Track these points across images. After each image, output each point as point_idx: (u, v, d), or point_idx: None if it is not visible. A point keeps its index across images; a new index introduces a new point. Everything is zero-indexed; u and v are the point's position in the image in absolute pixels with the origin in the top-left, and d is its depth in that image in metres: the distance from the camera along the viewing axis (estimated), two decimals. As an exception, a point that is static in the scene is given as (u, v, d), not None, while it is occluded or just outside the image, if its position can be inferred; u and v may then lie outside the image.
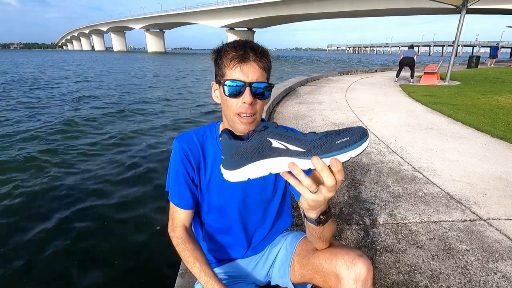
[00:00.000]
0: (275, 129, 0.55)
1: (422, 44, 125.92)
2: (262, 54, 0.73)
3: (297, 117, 4.80)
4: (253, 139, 0.54)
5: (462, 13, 8.65)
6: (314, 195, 0.55)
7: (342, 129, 0.54)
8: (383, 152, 3.24)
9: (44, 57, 51.71)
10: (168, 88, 12.72)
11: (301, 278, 0.89)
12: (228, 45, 0.75)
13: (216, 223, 0.93)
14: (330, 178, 0.52)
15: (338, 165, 0.51)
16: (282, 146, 0.53)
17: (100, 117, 7.06)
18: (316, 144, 0.52)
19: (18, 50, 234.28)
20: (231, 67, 0.72)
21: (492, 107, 5.55)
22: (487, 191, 2.38)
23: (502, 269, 1.52)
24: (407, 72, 10.05)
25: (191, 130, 0.89)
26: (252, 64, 0.71)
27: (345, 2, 46.53)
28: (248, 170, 0.55)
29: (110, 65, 28.72)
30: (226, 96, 0.74)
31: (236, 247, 0.96)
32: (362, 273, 0.72)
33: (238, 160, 0.55)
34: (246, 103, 0.72)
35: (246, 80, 0.71)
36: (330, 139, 0.52)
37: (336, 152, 0.51)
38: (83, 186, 3.54)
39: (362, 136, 0.52)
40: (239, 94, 0.72)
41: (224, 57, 0.73)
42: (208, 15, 77.67)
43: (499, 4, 29.68)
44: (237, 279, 0.96)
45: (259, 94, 0.73)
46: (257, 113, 0.75)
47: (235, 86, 0.71)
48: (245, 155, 0.54)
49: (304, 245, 0.91)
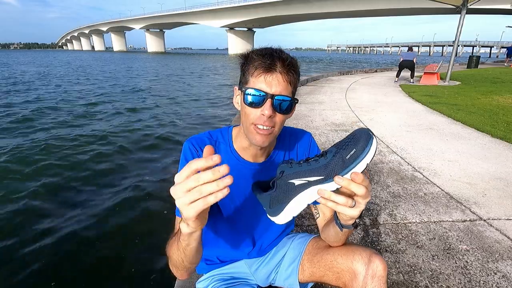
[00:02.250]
0: (290, 169, 0.60)
1: (422, 44, 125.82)
2: (290, 66, 0.69)
3: (297, 117, 4.79)
4: (278, 186, 0.61)
5: (462, 13, 8.65)
6: (354, 208, 0.57)
7: (347, 139, 0.56)
8: (383, 152, 3.24)
9: (54, 57, 50.71)
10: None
11: (310, 277, 0.89)
12: (256, 51, 0.71)
13: (219, 222, 0.92)
14: (359, 188, 0.54)
15: (359, 176, 0.53)
16: (303, 181, 0.58)
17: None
18: (330, 168, 0.55)
19: (18, 50, 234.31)
20: (256, 75, 0.69)
21: (492, 107, 5.55)
22: (487, 191, 2.38)
23: (502, 269, 1.52)
24: (407, 72, 10.04)
25: (203, 133, 0.85)
26: (278, 75, 0.68)
27: (345, 2, 46.54)
28: (289, 211, 0.61)
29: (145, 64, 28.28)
30: (245, 105, 0.71)
31: (241, 248, 0.95)
32: (379, 270, 0.74)
33: (277, 206, 0.62)
34: (264, 115, 0.69)
35: (269, 91, 0.68)
36: (339, 157, 0.55)
37: (351, 166, 0.54)
38: (83, 185, 3.55)
39: (367, 140, 0.54)
40: (259, 105, 0.69)
41: (250, 63, 0.70)
42: (208, 15, 77.65)
43: (499, 4, 29.69)
44: (240, 280, 0.96)
45: (280, 107, 0.70)
46: (275, 126, 0.72)
47: (257, 96, 0.68)
48: (279, 201, 0.61)
49: (315, 244, 0.92)
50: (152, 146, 5.13)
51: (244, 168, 0.83)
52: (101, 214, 2.95)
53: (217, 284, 0.92)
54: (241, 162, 0.83)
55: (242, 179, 0.82)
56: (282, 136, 0.88)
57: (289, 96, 0.70)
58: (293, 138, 0.91)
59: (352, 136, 0.56)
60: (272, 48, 0.72)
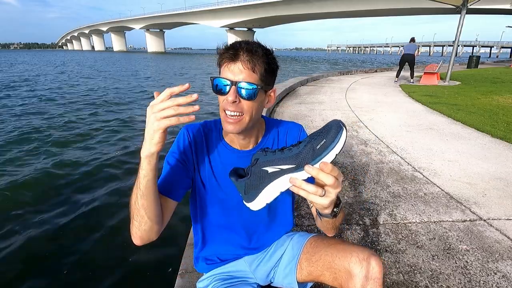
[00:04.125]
0: (264, 157, 0.61)
1: (422, 44, 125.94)
2: (253, 54, 0.73)
3: (297, 117, 4.80)
4: (252, 174, 0.62)
5: (462, 13, 8.66)
6: (324, 198, 0.59)
7: (320, 130, 0.58)
8: (383, 152, 3.24)
9: (63, 57, 50.40)
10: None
11: (308, 276, 0.89)
12: (225, 45, 0.77)
13: (218, 219, 0.92)
14: (328, 177, 0.55)
15: (328, 166, 0.55)
16: (276, 169, 0.60)
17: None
18: (301, 157, 0.57)
19: (18, 50, 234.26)
20: (223, 66, 0.75)
21: (492, 107, 5.55)
22: (487, 191, 2.38)
23: (502, 269, 1.52)
24: (407, 72, 10.05)
25: (199, 122, 0.91)
26: (240, 64, 0.73)
27: (345, 2, 46.56)
28: (263, 197, 0.63)
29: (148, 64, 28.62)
30: (215, 93, 0.77)
31: (238, 245, 0.96)
32: (374, 271, 0.74)
33: (251, 193, 0.63)
34: (228, 101, 0.74)
35: (233, 79, 0.73)
36: (310, 146, 0.57)
37: (321, 156, 0.56)
38: (83, 183, 3.55)
39: (337, 131, 0.55)
40: (226, 92, 0.74)
41: (220, 56, 0.76)
42: (208, 15, 77.72)
43: (499, 4, 29.68)
44: (239, 279, 0.96)
45: (244, 94, 0.74)
46: (244, 113, 0.76)
47: (222, 84, 0.74)
48: (253, 187, 0.63)
49: (314, 243, 0.92)
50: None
51: (232, 155, 0.88)
52: (101, 214, 2.95)
53: (218, 284, 0.92)
54: (229, 149, 0.88)
55: (229, 165, 0.82)
56: (271, 126, 0.94)
57: (253, 83, 0.74)
58: (283, 129, 0.95)
59: (325, 126, 0.58)
60: (241, 41, 0.77)
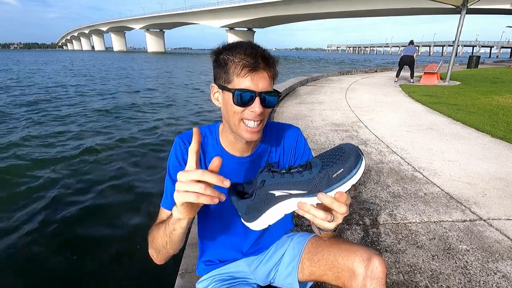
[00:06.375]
0: (272, 179, 0.57)
1: (422, 44, 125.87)
2: (271, 62, 0.72)
3: (297, 117, 4.80)
4: (257, 196, 0.58)
5: (462, 13, 8.65)
6: (332, 223, 0.58)
7: (335, 153, 0.55)
8: (383, 152, 3.24)
9: (66, 57, 50.40)
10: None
11: (309, 275, 0.89)
12: (238, 50, 0.71)
13: (217, 224, 0.92)
14: (341, 207, 0.54)
15: (344, 196, 0.53)
16: (285, 193, 0.57)
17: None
18: (314, 183, 0.54)
19: (18, 50, 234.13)
20: (242, 75, 0.70)
21: (492, 107, 5.55)
22: (487, 191, 2.38)
23: (502, 269, 1.52)
24: (407, 72, 10.05)
25: (191, 130, 0.89)
26: (262, 73, 0.71)
27: (345, 2, 46.52)
28: (265, 219, 0.60)
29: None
30: (234, 104, 0.72)
31: (238, 246, 0.96)
32: (378, 271, 0.74)
33: (252, 214, 0.60)
34: (255, 113, 0.72)
35: (257, 89, 0.71)
36: (325, 174, 0.53)
37: (336, 185, 0.53)
38: (83, 182, 3.55)
39: (356, 160, 0.53)
40: (249, 103, 0.71)
41: (232, 63, 0.71)
42: (208, 15, 77.66)
43: (499, 4, 29.66)
44: (240, 279, 0.96)
45: (268, 103, 0.73)
46: (262, 121, 0.77)
47: (246, 95, 0.71)
48: (256, 209, 0.59)
49: (315, 243, 0.92)
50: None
51: (230, 162, 0.86)
52: (101, 214, 2.95)
53: (217, 285, 0.92)
54: (227, 156, 0.86)
55: (228, 173, 0.82)
56: (268, 130, 0.91)
57: (274, 91, 0.74)
58: (280, 133, 0.93)
59: (341, 152, 0.54)
60: (250, 45, 0.73)
